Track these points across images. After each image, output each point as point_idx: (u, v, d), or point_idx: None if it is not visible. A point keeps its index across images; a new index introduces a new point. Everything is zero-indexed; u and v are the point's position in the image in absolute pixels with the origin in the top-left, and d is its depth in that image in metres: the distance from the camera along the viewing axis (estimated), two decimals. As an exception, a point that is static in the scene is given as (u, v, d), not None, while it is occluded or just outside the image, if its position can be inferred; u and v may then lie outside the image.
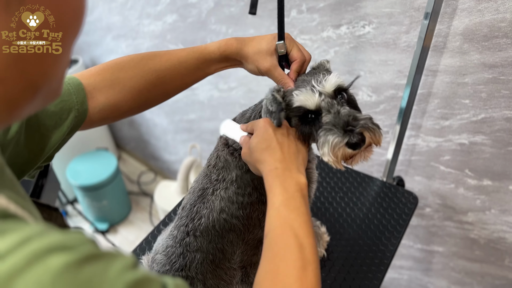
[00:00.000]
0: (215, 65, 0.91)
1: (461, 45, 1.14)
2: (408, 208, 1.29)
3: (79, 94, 0.79)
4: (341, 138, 0.73)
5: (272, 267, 0.63)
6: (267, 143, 0.75)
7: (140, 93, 0.86)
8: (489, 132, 1.23)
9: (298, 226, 0.66)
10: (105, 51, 2.58)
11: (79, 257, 0.35)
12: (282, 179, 0.71)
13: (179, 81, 0.90)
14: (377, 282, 1.09)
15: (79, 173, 2.54)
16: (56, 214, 0.67)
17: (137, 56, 0.87)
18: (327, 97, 0.77)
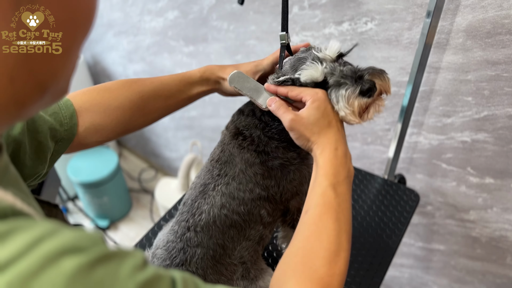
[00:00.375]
0: (196, 88, 0.95)
1: (464, 42, 1.13)
2: (410, 206, 1.29)
3: (68, 109, 0.81)
4: (353, 88, 0.74)
5: (306, 245, 0.63)
6: (329, 119, 0.74)
7: (124, 114, 0.88)
8: (491, 129, 1.23)
9: (341, 211, 0.66)
10: (106, 47, 2.57)
11: (91, 258, 0.35)
12: (338, 162, 0.70)
13: (162, 103, 0.93)
14: (378, 280, 1.09)
15: (80, 169, 2.54)
16: (56, 210, 0.67)
17: (122, 80, 0.92)
18: (329, 63, 0.79)
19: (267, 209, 0.93)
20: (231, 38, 1.74)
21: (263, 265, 1.01)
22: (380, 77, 0.76)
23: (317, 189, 0.69)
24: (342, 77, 0.76)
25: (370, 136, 1.55)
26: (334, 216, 0.65)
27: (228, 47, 1.78)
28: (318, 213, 0.65)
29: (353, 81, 0.75)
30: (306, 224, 0.66)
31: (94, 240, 0.38)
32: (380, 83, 0.75)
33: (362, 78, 0.75)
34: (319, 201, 0.67)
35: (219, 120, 2.23)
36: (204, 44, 1.89)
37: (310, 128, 0.74)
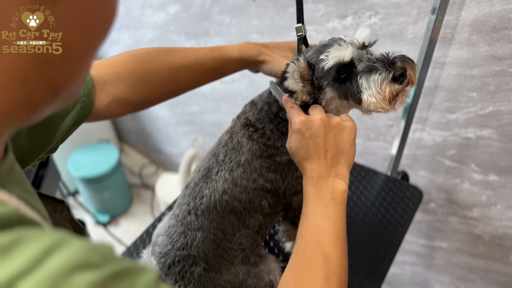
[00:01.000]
0: (231, 66, 0.91)
1: (470, 37, 1.12)
2: (413, 202, 1.27)
3: (87, 85, 0.76)
4: (386, 74, 0.73)
5: (296, 274, 0.64)
6: (305, 150, 0.73)
7: (152, 89, 0.84)
8: (496, 126, 1.21)
9: (327, 236, 0.66)
10: (107, 42, 2.56)
11: (104, 276, 0.33)
12: (317, 188, 0.71)
13: (193, 78, 0.89)
14: (380, 277, 1.08)
15: (80, 164, 2.53)
16: (61, 206, 0.65)
17: (153, 50, 0.85)
18: (356, 48, 0.78)
19: (268, 201, 0.92)
20: (233, 33, 1.72)
21: (263, 252, 1.01)
22: (411, 65, 0.76)
23: (303, 218, 0.70)
24: (374, 62, 0.75)
25: (373, 132, 1.54)
26: (319, 242, 0.65)
27: (230, 41, 1.77)
28: (304, 242, 0.66)
29: (386, 67, 0.74)
30: (296, 253, 0.67)
31: (106, 255, 0.36)
32: (410, 71, 0.75)
33: (394, 64, 0.74)
34: (305, 230, 0.68)
35: (221, 115, 2.21)
36: (206, 39, 1.88)
37: (293, 158, 0.76)
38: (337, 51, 0.77)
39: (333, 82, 0.80)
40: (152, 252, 0.97)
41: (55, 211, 0.64)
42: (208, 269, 0.91)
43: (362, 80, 0.76)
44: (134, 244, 1.18)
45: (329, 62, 0.77)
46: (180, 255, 0.91)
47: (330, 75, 0.79)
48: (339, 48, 0.78)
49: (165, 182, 2.51)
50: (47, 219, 0.48)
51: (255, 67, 0.94)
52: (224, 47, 0.90)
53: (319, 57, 0.79)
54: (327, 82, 0.80)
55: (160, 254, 0.94)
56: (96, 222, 2.73)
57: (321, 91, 0.82)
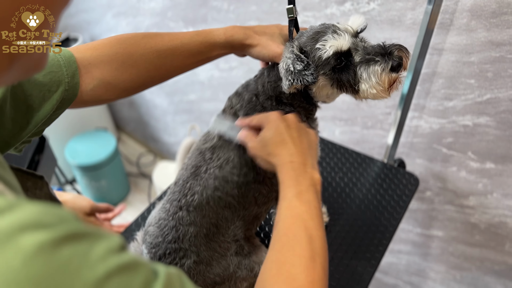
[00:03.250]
0: (217, 50, 0.90)
1: (468, 22, 1.11)
2: (409, 189, 1.27)
3: (70, 67, 0.75)
4: (385, 64, 0.75)
5: (279, 257, 0.62)
6: (281, 137, 0.75)
7: (138, 72, 0.83)
8: (494, 113, 1.21)
9: (309, 218, 0.65)
10: (105, 29, 2.54)
11: (56, 236, 0.32)
12: (297, 173, 0.71)
13: (179, 63, 0.88)
14: (375, 262, 1.08)
15: (77, 152, 2.52)
16: (41, 182, 0.64)
17: (138, 34, 0.84)
18: (351, 37, 0.78)
19: (262, 192, 0.92)
20: (231, 19, 1.71)
21: (257, 242, 1.01)
22: (406, 53, 0.77)
23: (282, 203, 0.69)
24: (371, 54, 0.76)
25: (371, 120, 1.53)
26: (302, 224, 0.64)
27: (228, 28, 1.76)
28: (287, 224, 0.65)
29: (384, 58, 0.75)
30: (277, 237, 0.65)
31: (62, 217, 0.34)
32: (405, 59, 0.77)
33: (391, 54, 0.75)
34: (286, 213, 0.67)
35: (218, 104, 2.20)
36: (204, 25, 1.86)
37: (265, 150, 0.76)
38: (334, 40, 0.77)
39: (329, 71, 0.80)
40: (143, 240, 0.97)
41: (35, 188, 0.63)
42: (198, 262, 0.90)
43: (361, 71, 0.77)
44: (129, 228, 1.18)
45: (328, 52, 0.77)
46: (171, 247, 0.90)
47: (328, 65, 0.79)
48: (336, 36, 0.77)
49: (162, 170, 2.51)
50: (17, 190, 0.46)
51: (242, 51, 0.93)
52: (209, 31, 0.88)
53: (315, 46, 0.79)
54: (323, 72, 0.80)
55: (151, 245, 0.93)
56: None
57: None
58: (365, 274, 1.05)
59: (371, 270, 1.06)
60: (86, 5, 2.54)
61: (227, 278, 0.94)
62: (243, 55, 0.95)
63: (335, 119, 1.64)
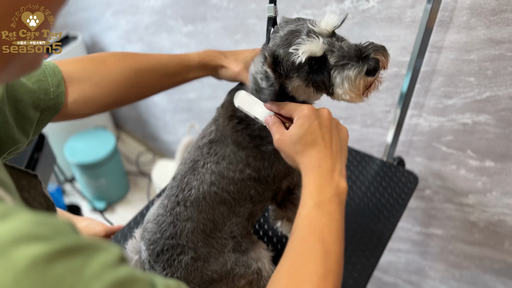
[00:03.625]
0: (193, 72, 0.95)
1: (468, 20, 1.10)
2: (408, 187, 1.27)
3: (55, 76, 0.78)
4: (359, 68, 0.71)
5: (291, 269, 0.59)
6: (313, 137, 0.70)
7: (117, 89, 0.86)
8: (493, 111, 1.20)
9: (328, 231, 0.62)
10: (104, 27, 2.54)
11: (51, 250, 0.30)
12: (323, 180, 0.67)
13: (156, 82, 0.92)
14: (374, 260, 1.08)
15: (77, 150, 2.52)
16: (35, 181, 0.64)
17: (118, 53, 0.89)
18: (325, 38, 0.74)
19: (257, 189, 0.92)
20: (231, 17, 1.71)
21: (254, 238, 1.01)
22: (383, 54, 0.74)
23: (302, 210, 0.65)
24: (346, 57, 0.72)
25: (370, 118, 1.53)
26: (320, 237, 0.61)
27: (227, 26, 1.75)
28: (303, 235, 0.62)
29: (359, 61, 0.72)
30: (291, 246, 0.62)
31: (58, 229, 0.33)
32: (382, 59, 0.73)
33: (367, 57, 0.72)
34: (304, 222, 0.63)
35: (218, 102, 2.18)
36: (203, 24, 1.86)
37: (293, 147, 0.71)
38: (307, 45, 0.73)
39: (304, 74, 0.77)
40: (142, 237, 0.97)
41: (30, 186, 0.63)
42: (196, 258, 0.90)
43: (335, 75, 0.74)
44: (128, 226, 1.18)
45: (301, 58, 0.74)
46: (169, 244, 0.90)
47: (301, 70, 0.76)
48: (309, 41, 0.74)
49: (161, 169, 2.50)
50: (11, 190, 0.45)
51: (216, 73, 0.98)
52: (185, 54, 0.94)
53: (288, 50, 0.75)
54: (296, 75, 0.78)
55: (149, 241, 0.93)
56: (93, 208, 2.73)
57: (288, 78, 0.80)
58: (364, 272, 1.05)
59: (370, 268, 1.06)
60: (85, 3, 2.54)
61: (224, 275, 0.94)
62: (218, 78, 0.99)
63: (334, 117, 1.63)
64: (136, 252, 1.01)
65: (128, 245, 1.05)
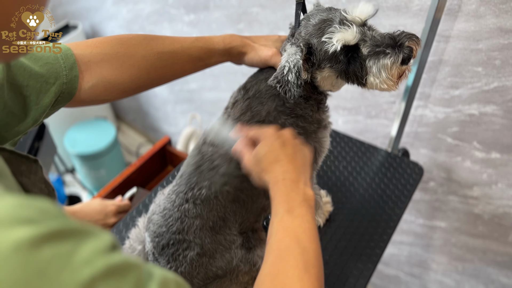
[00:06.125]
0: (216, 57, 0.91)
1: (477, 8, 1.08)
2: (413, 179, 1.26)
3: (68, 59, 0.74)
4: (395, 57, 0.72)
5: (272, 270, 0.61)
6: (275, 154, 0.73)
7: (139, 73, 0.82)
8: (501, 102, 1.19)
9: (302, 231, 0.64)
10: (105, 17, 2.51)
11: (37, 233, 0.28)
12: (289, 189, 0.69)
13: (179, 66, 0.88)
14: (379, 251, 1.06)
15: (77, 141, 2.50)
16: (36, 166, 0.63)
17: (139, 35, 0.84)
18: (358, 27, 0.75)
19: None
20: (234, 6, 1.69)
21: (263, 236, 0.99)
22: (417, 42, 0.75)
23: (274, 218, 0.67)
24: (381, 45, 0.73)
25: (374, 109, 1.51)
26: (295, 237, 0.63)
27: (230, 15, 1.73)
28: (279, 238, 0.64)
29: (394, 49, 0.73)
30: (269, 251, 0.64)
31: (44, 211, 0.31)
32: (415, 48, 0.75)
33: (402, 45, 0.73)
34: (278, 228, 0.65)
35: (220, 93, 2.18)
36: (206, 12, 1.84)
37: (258, 166, 0.74)
38: (341, 33, 0.74)
39: (336, 64, 0.78)
40: (147, 228, 0.96)
41: (30, 172, 0.61)
42: (201, 254, 0.89)
43: (370, 64, 0.75)
44: (130, 215, 1.16)
45: (335, 46, 0.74)
46: (175, 238, 0.89)
47: (334, 58, 0.77)
48: (343, 28, 0.74)
49: (162, 160, 2.49)
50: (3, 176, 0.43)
51: (239, 59, 0.94)
52: (209, 38, 0.90)
53: (321, 39, 0.76)
54: (330, 65, 0.79)
55: (154, 233, 0.92)
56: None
57: (320, 69, 0.80)
58: (369, 263, 1.04)
59: (375, 260, 1.05)
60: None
61: (229, 272, 0.93)
62: (240, 63, 0.95)
63: (338, 108, 1.62)
64: (139, 242, 1.00)
65: (131, 233, 1.04)
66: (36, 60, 0.70)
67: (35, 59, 0.70)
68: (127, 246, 1.03)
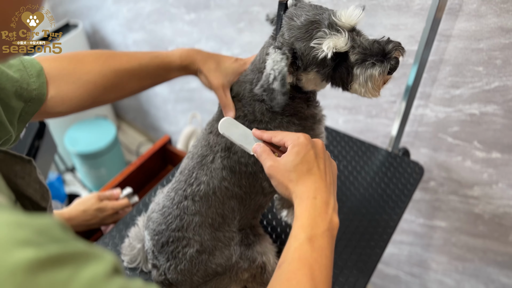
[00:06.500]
0: (174, 72, 0.92)
1: (478, 8, 1.08)
2: (414, 178, 1.26)
3: (34, 67, 0.76)
4: (383, 68, 0.72)
5: None
6: (309, 166, 0.68)
7: (95, 89, 0.84)
8: (501, 101, 1.19)
9: (318, 268, 0.61)
10: (105, 15, 2.51)
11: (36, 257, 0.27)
12: (317, 213, 0.65)
13: (136, 83, 0.89)
14: (379, 250, 1.06)
15: (77, 140, 2.50)
16: (30, 167, 0.62)
17: (96, 52, 0.87)
18: (347, 32, 0.73)
19: (269, 181, 0.90)
20: (234, 5, 1.68)
21: (261, 231, 0.99)
22: (401, 52, 0.74)
23: (293, 242, 0.63)
24: (368, 54, 0.72)
25: (375, 108, 1.51)
26: (309, 273, 0.59)
27: (231, 14, 1.73)
28: (292, 269, 0.60)
29: (382, 60, 0.72)
30: (279, 279, 0.61)
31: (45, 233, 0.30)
32: (401, 59, 0.75)
33: (389, 56, 0.72)
34: (295, 256, 0.62)
35: (220, 92, 2.18)
36: (206, 11, 1.83)
37: (287, 175, 0.68)
38: (332, 39, 0.71)
39: (323, 69, 0.76)
40: (146, 226, 0.96)
41: (24, 172, 0.61)
42: (201, 251, 0.89)
43: (357, 72, 0.74)
44: (130, 214, 1.16)
45: (325, 52, 0.72)
46: (175, 236, 0.89)
47: (322, 64, 0.75)
48: (333, 35, 0.72)
49: (162, 159, 2.48)
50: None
51: (198, 77, 0.94)
52: (166, 54, 0.90)
53: (309, 44, 0.73)
54: (317, 70, 0.77)
55: (154, 231, 0.92)
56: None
57: (305, 72, 0.79)
58: (369, 263, 1.04)
59: (375, 259, 1.05)
60: (86, -9, 2.51)
61: (228, 269, 0.93)
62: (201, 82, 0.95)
63: (338, 107, 1.62)
64: (139, 240, 1.00)
65: (131, 232, 1.04)
66: (9, 66, 0.72)
67: (8, 65, 0.72)
68: (126, 245, 1.03)
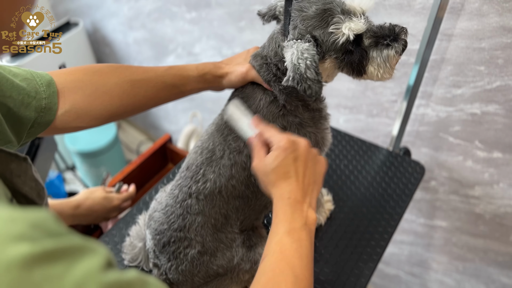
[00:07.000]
0: (191, 84, 0.90)
1: (480, 7, 1.08)
2: (414, 178, 1.25)
3: (43, 77, 0.75)
4: (397, 48, 0.77)
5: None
6: (286, 170, 0.70)
7: (111, 100, 0.82)
8: (503, 101, 1.18)
9: (298, 257, 0.64)
10: (106, 14, 2.50)
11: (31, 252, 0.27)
12: (292, 210, 0.68)
13: (153, 94, 0.87)
14: (380, 250, 1.06)
15: (78, 138, 2.50)
16: (25, 164, 0.62)
17: (112, 64, 0.86)
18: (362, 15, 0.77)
19: None
20: (235, 3, 1.68)
21: (263, 233, 0.99)
22: (407, 35, 0.79)
23: (273, 236, 0.67)
24: (380, 36, 0.76)
25: (376, 108, 1.51)
26: (290, 262, 0.63)
27: (232, 12, 1.72)
28: (274, 260, 0.64)
29: (394, 41, 0.76)
30: (262, 271, 0.63)
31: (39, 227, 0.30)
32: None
33: (399, 37, 0.77)
34: (276, 249, 0.65)
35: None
36: (207, 10, 1.83)
37: (266, 177, 0.72)
38: (351, 23, 0.74)
39: (342, 55, 0.78)
40: (148, 225, 0.95)
41: (20, 170, 0.60)
42: (203, 252, 0.89)
43: (374, 55, 0.77)
44: (130, 212, 1.16)
45: (346, 36, 0.74)
46: (176, 236, 0.88)
47: (342, 50, 0.77)
48: (349, 18, 0.74)
49: (163, 158, 2.48)
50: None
51: (218, 84, 0.93)
52: (182, 66, 0.90)
53: (327, 30, 0.75)
54: (335, 56, 0.78)
55: (155, 231, 0.91)
56: (93, 197, 2.72)
57: (322, 61, 0.80)
58: (370, 262, 1.03)
59: (376, 259, 1.05)
60: (87, -11, 2.51)
61: (230, 270, 0.92)
62: (219, 89, 0.94)
63: (339, 106, 1.62)
64: (140, 239, 1.00)
65: (131, 231, 1.03)
66: (15, 75, 0.71)
67: (14, 74, 0.71)
68: (127, 244, 1.03)
